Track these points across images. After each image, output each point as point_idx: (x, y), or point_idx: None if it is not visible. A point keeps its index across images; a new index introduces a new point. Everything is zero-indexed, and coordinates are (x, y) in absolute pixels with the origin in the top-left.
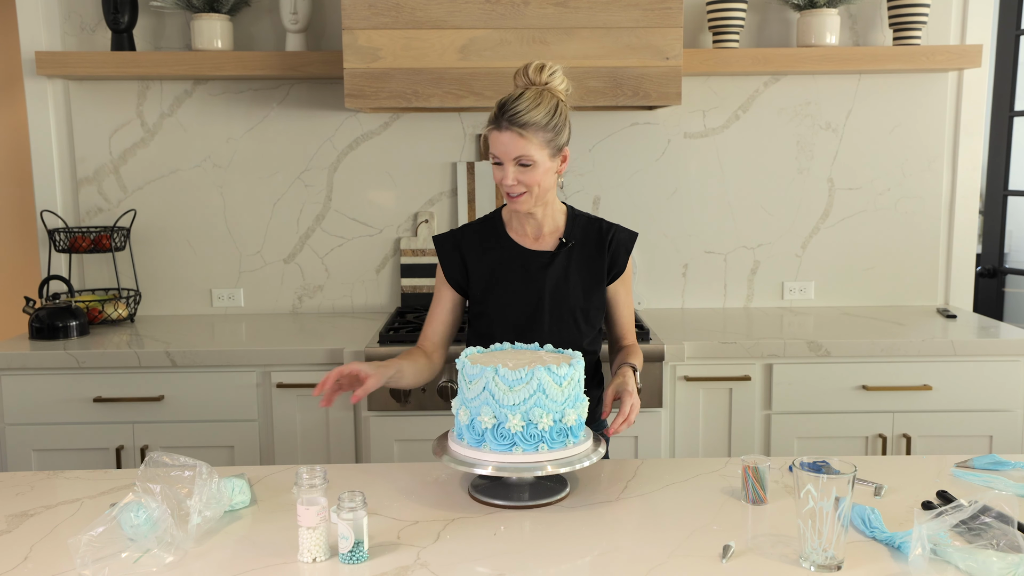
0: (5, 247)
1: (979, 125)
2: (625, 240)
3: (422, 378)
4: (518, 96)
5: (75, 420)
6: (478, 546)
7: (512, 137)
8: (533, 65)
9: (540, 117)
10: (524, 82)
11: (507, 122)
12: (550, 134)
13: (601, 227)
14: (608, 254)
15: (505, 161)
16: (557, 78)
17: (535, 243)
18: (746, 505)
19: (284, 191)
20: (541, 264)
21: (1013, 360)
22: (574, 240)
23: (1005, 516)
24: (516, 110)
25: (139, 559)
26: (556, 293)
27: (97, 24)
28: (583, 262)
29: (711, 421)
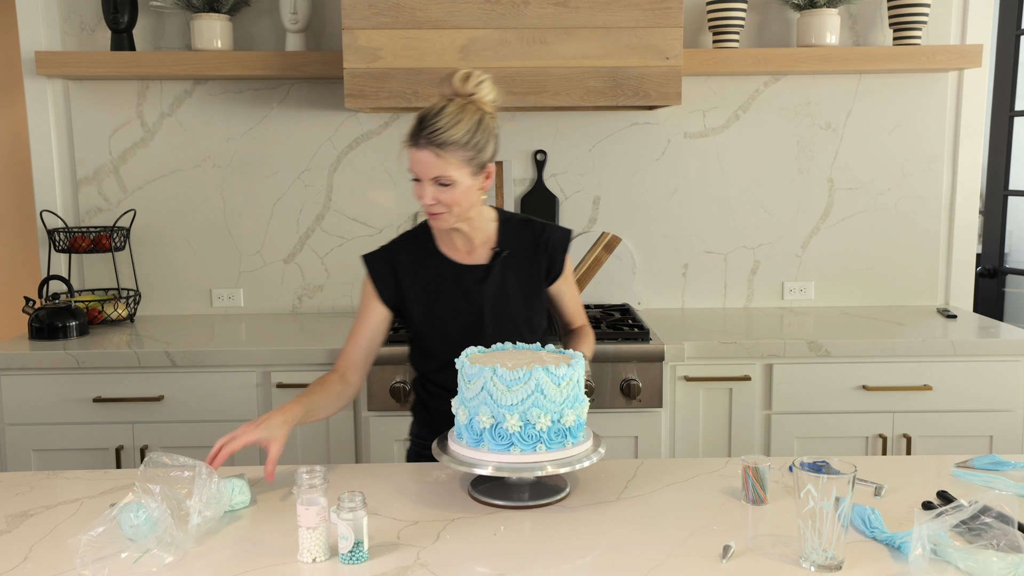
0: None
1: (979, 125)
2: (560, 239)
3: (339, 406)
4: (439, 111)
5: (75, 420)
6: (478, 546)
7: (429, 156)
8: (459, 74)
9: (460, 135)
10: (448, 91)
11: (424, 140)
12: (471, 152)
13: (534, 229)
14: (545, 256)
15: (423, 179)
16: (484, 88)
17: (468, 256)
18: (746, 505)
19: (284, 191)
20: (476, 279)
21: (1013, 360)
22: (508, 249)
23: (1005, 516)
24: (435, 127)
25: (139, 559)
26: (496, 306)
27: (97, 24)
28: (520, 269)
29: (711, 421)
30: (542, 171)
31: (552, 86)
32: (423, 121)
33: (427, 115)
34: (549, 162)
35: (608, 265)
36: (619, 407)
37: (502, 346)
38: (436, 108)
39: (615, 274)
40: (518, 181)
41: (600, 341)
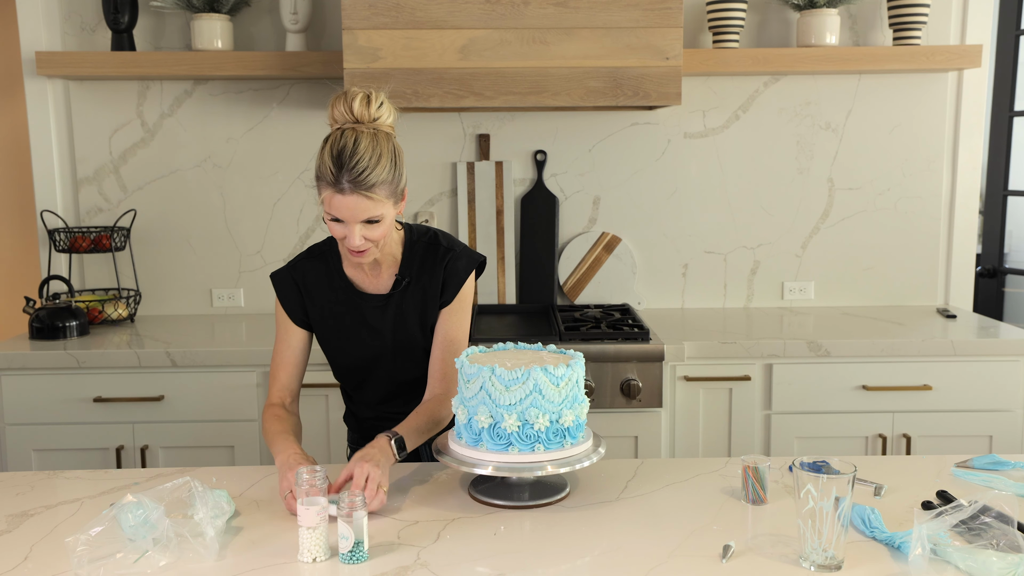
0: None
1: (979, 125)
2: (459, 269)
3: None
4: (353, 148)
5: (75, 420)
6: (478, 546)
7: (359, 200)
8: (358, 98)
9: (386, 174)
10: (346, 117)
11: (351, 185)
12: (393, 185)
13: (437, 253)
14: (441, 281)
15: (349, 222)
16: (385, 110)
17: (372, 281)
18: (746, 505)
19: (284, 191)
20: (377, 309)
21: (1013, 360)
22: (409, 275)
23: (1005, 516)
24: (359, 170)
25: (137, 560)
26: (396, 335)
27: (97, 24)
28: (420, 295)
29: (711, 421)
30: (542, 171)
31: (552, 86)
32: (342, 164)
33: (342, 155)
34: (549, 162)
35: (608, 265)
36: (619, 407)
37: (503, 346)
38: (348, 144)
39: (615, 274)
40: (518, 181)
41: (600, 341)
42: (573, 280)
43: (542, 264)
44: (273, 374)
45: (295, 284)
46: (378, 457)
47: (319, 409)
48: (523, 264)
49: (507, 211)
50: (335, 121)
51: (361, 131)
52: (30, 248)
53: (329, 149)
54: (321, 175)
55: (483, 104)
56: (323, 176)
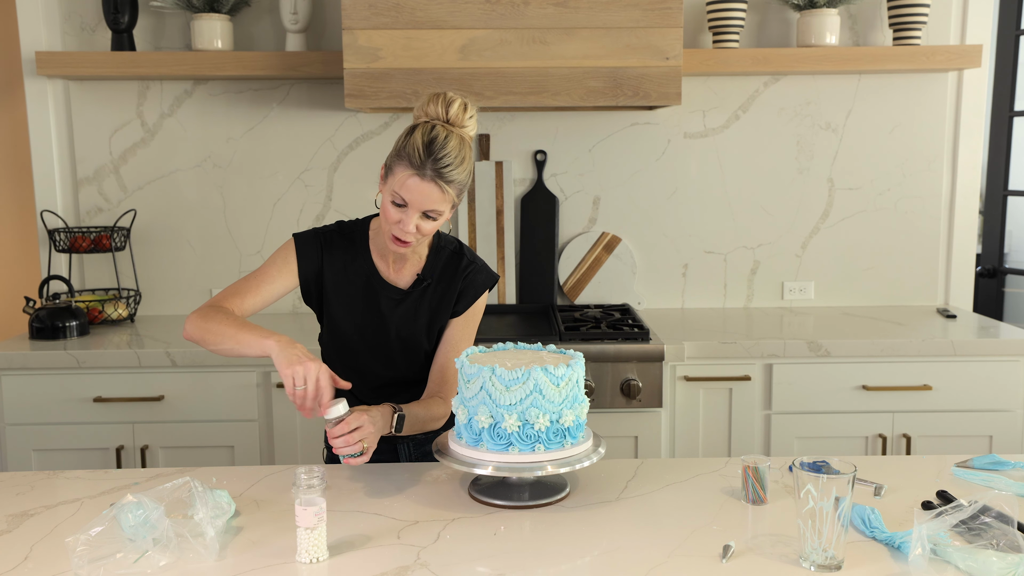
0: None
1: (979, 125)
2: (477, 283)
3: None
4: (444, 142)
5: (75, 420)
6: (478, 546)
7: (434, 190)
8: (456, 103)
9: (464, 176)
10: (439, 116)
11: (434, 172)
12: (462, 189)
13: (460, 264)
14: (457, 292)
15: (412, 208)
16: (473, 123)
17: (394, 274)
18: (746, 505)
19: (284, 191)
20: (392, 301)
21: (1013, 360)
22: (431, 279)
23: (1005, 516)
24: (446, 163)
25: (137, 560)
26: (401, 331)
27: (97, 24)
28: (435, 299)
29: (711, 421)
30: (542, 171)
31: (552, 86)
32: (433, 151)
33: (434, 143)
34: (549, 162)
35: (608, 265)
36: (619, 407)
37: (503, 346)
38: (440, 138)
39: (615, 274)
40: (518, 181)
41: (600, 341)
42: (573, 280)
43: (542, 264)
44: (238, 292)
45: (320, 248)
46: (377, 418)
47: None
48: (523, 264)
49: (507, 211)
50: (427, 116)
51: (452, 132)
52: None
53: (421, 136)
54: (407, 155)
55: (483, 104)
56: (408, 156)
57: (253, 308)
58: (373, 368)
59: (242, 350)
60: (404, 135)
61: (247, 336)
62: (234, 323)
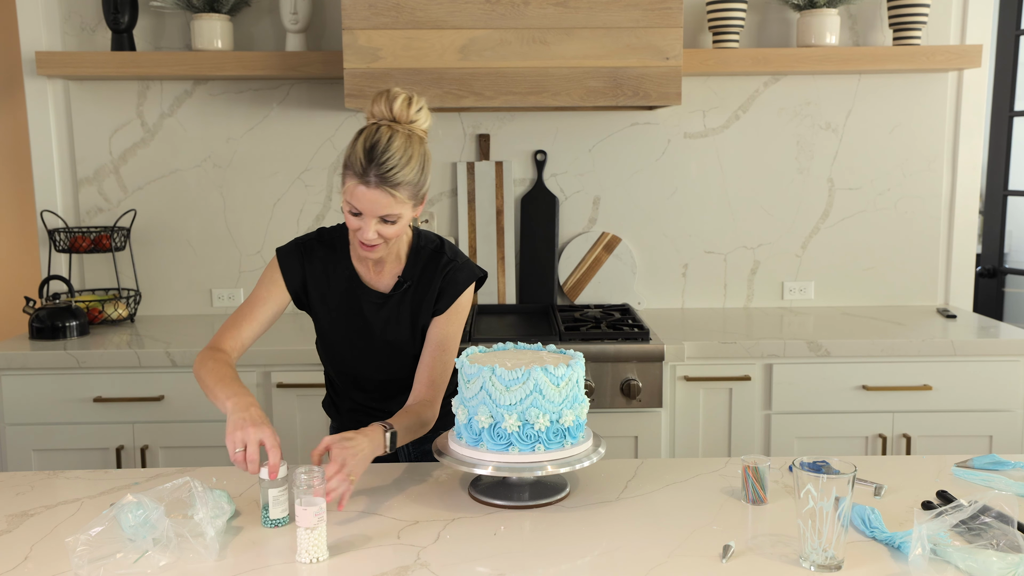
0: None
1: (979, 125)
2: (459, 280)
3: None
4: (387, 145)
5: (75, 420)
6: (478, 546)
7: (381, 195)
8: (400, 98)
9: (412, 175)
10: (385, 115)
11: (378, 179)
12: (417, 187)
13: (439, 264)
14: (438, 290)
15: (368, 215)
16: (423, 115)
17: (374, 277)
18: (746, 505)
19: (284, 191)
20: (374, 306)
21: (1013, 360)
22: (411, 280)
23: (1005, 516)
24: (389, 167)
25: (137, 560)
26: (386, 335)
27: (97, 24)
28: (417, 301)
29: (711, 421)
30: (542, 171)
31: (552, 86)
32: (373, 157)
33: (375, 149)
34: (549, 162)
35: (608, 265)
36: (619, 407)
37: (503, 346)
38: (382, 141)
39: (615, 274)
40: (518, 181)
41: (600, 341)
42: (573, 280)
43: (542, 264)
44: (235, 323)
45: (301, 262)
46: (363, 446)
47: (319, 408)
48: (523, 264)
49: (507, 211)
50: (373, 116)
51: (397, 130)
52: (30, 248)
53: (363, 141)
54: (350, 165)
55: (483, 104)
56: (352, 166)
57: (253, 335)
58: (365, 371)
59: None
60: (351, 142)
61: (218, 393)
62: (214, 376)
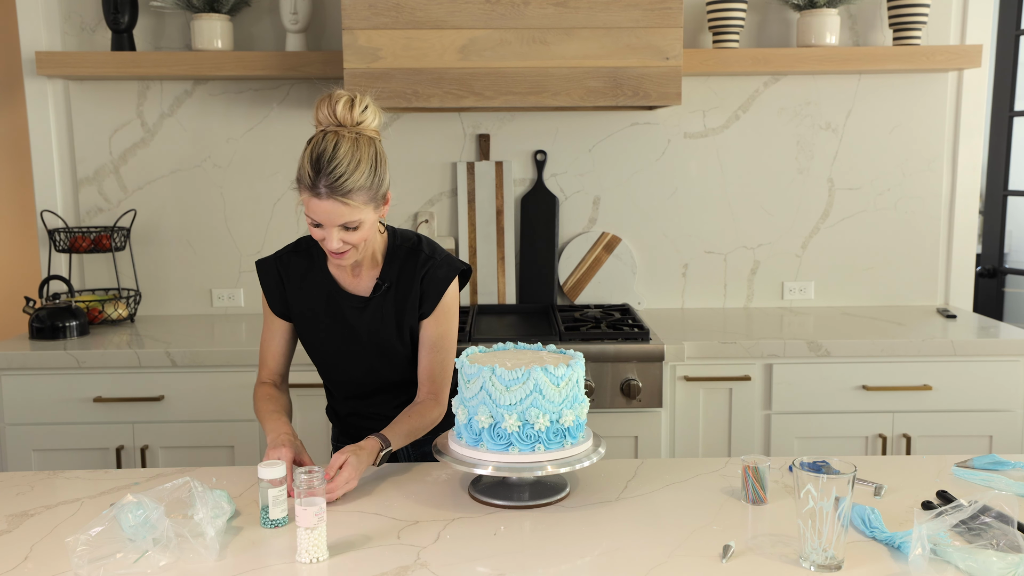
0: (5, 247)
1: (979, 125)
2: (440, 278)
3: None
4: (332, 153)
5: (75, 420)
6: (478, 546)
7: (335, 205)
8: (341, 101)
9: (364, 179)
10: (329, 120)
11: (328, 190)
12: (374, 190)
13: (418, 261)
14: (419, 291)
15: (328, 226)
16: (369, 114)
17: (353, 281)
18: (746, 505)
19: (284, 191)
20: (356, 310)
21: (1013, 360)
22: (390, 281)
23: (1005, 516)
24: (337, 175)
25: (137, 560)
26: (373, 338)
27: (97, 24)
28: (399, 303)
29: (711, 421)
30: (542, 171)
31: (552, 86)
32: (320, 168)
33: (321, 159)
34: (549, 162)
35: (608, 265)
36: (619, 407)
37: (503, 346)
38: (328, 150)
39: (615, 274)
40: (518, 181)
41: (600, 341)
42: (573, 280)
43: (542, 264)
44: (262, 359)
45: (279, 275)
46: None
47: (319, 408)
48: (523, 264)
49: (507, 211)
50: (319, 123)
51: (343, 135)
52: (30, 248)
53: (309, 153)
54: (300, 178)
55: (483, 104)
56: (302, 179)
57: (279, 366)
58: (355, 376)
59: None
60: (301, 153)
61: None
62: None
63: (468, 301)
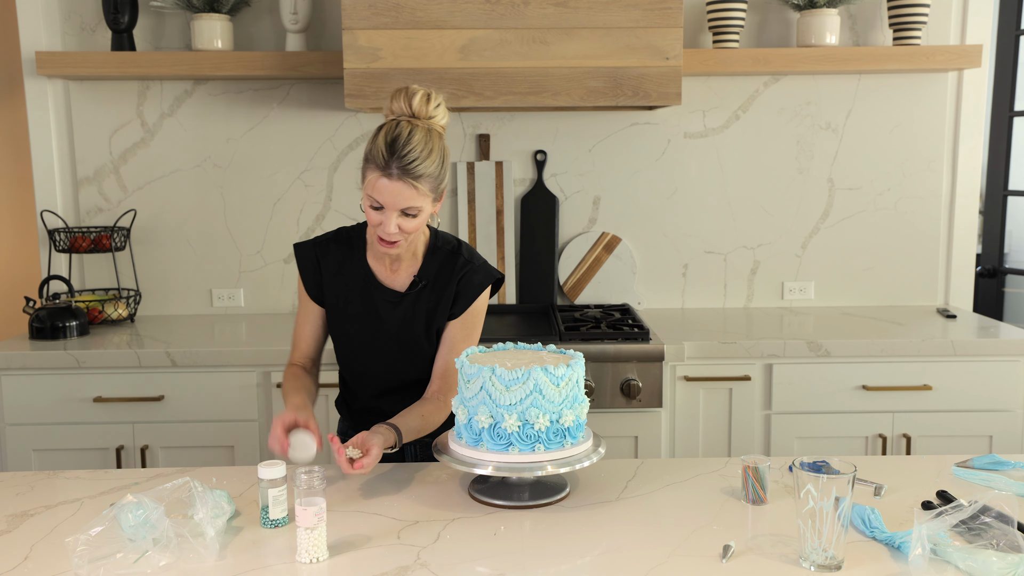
0: (5, 247)
1: (979, 125)
2: (475, 283)
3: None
4: (407, 138)
5: (75, 420)
6: (478, 546)
7: (403, 188)
8: (419, 95)
9: (434, 167)
10: (403, 111)
11: (400, 171)
12: (438, 181)
13: (456, 264)
14: (453, 293)
15: (389, 209)
16: (441, 111)
17: (390, 275)
18: (746, 505)
19: (284, 191)
20: (389, 304)
21: (1013, 360)
22: (427, 280)
23: (1005, 516)
24: (411, 159)
25: (137, 560)
26: (402, 335)
27: (97, 24)
28: (432, 301)
29: (711, 421)
30: (542, 171)
31: (552, 86)
32: (396, 150)
33: (396, 142)
34: (549, 162)
35: (608, 265)
36: (619, 407)
37: (503, 346)
38: (403, 134)
39: (615, 274)
40: (518, 181)
41: (600, 341)
42: (573, 280)
43: (542, 264)
44: (294, 343)
45: (316, 260)
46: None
47: (318, 408)
48: (523, 264)
49: (507, 211)
50: (392, 113)
51: (417, 125)
52: (30, 248)
53: (384, 135)
54: (372, 158)
55: (483, 104)
56: (374, 159)
57: (311, 350)
58: (375, 370)
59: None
60: (371, 138)
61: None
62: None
63: None
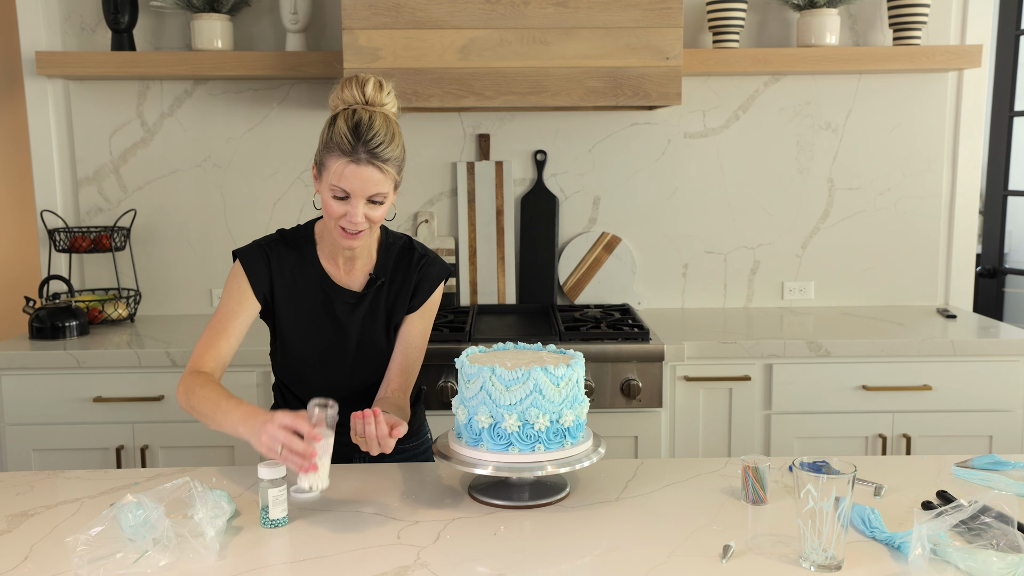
0: (5, 247)
1: (979, 125)
2: (432, 275)
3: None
4: (369, 123)
5: (75, 420)
6: (478, 546)
7: (372, 172)
8: (371, 82)
9: (398, 152)
10: (357, 100)
11: (368, 155)
12: (400, 165)
13: (412, 259)
14: (412, 286)
15: (356, 197)
16: (392, 99)
17: (345, 276)
18: (746, 505)
19: (284, 191)
20: (347, 306)
21: (1013, 360)
22: (384, 276)
23: (1005, 516)
24: (377, 143)
25: (137, 560)
26: (362, 336)
27: (97, 24)
28: (391, 298)
29: (711, 421)
30: (542, 171)
31: (552, 86)
32: (360, 135)
33: (360, 126)
34: (549, 162)
35: (608, 265)
36: (619, 407)
37: (503, 346)
38: (364, 120)
39: (615, 274)
40: (518, 181)
41: (600, 341)
42: (573, 280)
43: (542, 264)
44: (211, 342)
45: (267, 261)
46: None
47: None
48: (523, 264)
49: (507, 211)
50: (343, 103)
51: (374, 111)
52: (30, 248)
53: (344, 122)
54: (336, 144)
55: (483, 104)
56: (338, 145)
57: (231, 351)
58: (330, 380)
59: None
60: (327, 127)
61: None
62: (211, 402)
63: (468, 301)
